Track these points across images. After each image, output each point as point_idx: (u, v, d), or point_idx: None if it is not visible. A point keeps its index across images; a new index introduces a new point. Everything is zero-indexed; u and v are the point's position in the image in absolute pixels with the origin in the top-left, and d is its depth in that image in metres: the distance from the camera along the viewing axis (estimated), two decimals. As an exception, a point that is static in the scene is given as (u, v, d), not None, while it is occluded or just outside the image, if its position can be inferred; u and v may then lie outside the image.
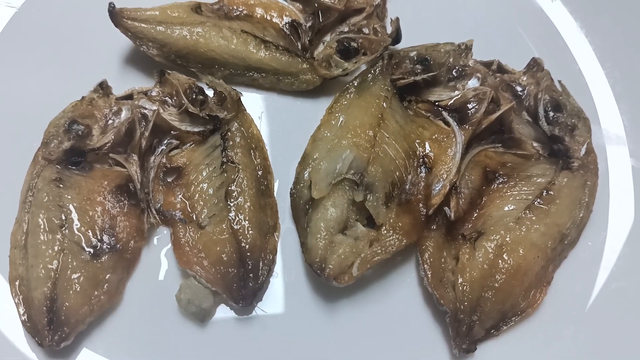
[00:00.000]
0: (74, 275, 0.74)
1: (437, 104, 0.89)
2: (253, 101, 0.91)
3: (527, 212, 0.81)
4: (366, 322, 0.78)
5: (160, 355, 0.75)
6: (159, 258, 0.80)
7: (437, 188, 0.82)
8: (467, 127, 0.85)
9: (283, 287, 0.80)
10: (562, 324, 0.80)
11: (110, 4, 0.87)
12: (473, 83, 0.91)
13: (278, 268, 0.80)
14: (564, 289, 0.82)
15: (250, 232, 0.78)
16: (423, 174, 0.83)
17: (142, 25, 0.88)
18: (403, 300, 0.80)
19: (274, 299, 0.79)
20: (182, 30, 0.89)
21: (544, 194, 0.83)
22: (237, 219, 0.79)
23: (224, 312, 0.78)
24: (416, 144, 0.85)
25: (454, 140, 0.85)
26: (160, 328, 0.76)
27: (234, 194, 0.80)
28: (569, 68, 0.96)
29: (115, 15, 0.88)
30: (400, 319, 0.79)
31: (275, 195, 0.84)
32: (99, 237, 0.77)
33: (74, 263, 0.74)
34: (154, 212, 0.80)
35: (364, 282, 0.80)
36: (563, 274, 0.82)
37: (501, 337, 0.78)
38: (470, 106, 0.88)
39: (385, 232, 0.78)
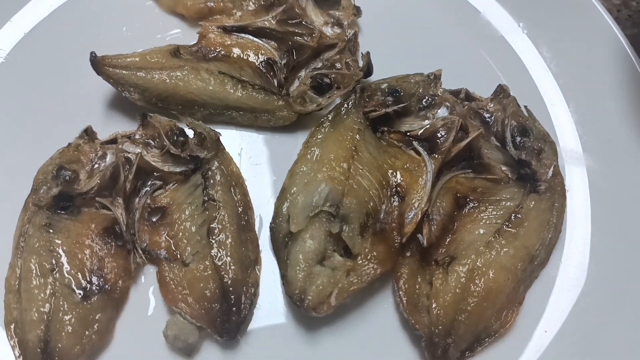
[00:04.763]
0: (66, 317, 0.77)
1: (408, 134, 0.93)
2: (232, 138, 0.95)
3: (497, 236, 0.85)
4: (347, 349, 0.81)
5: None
6: (147, 296, 0.83)
7: (409, 217, 0.85)
8: (436, 156, 0.89)
9: (266, 319, 0.83)
10: (535, 343, 0.83)
11: (91, 53, 0.91)
12: (443, 111, 0.95)
13: (261, 300, 0.84)
14: (536, 307, 0.85)
15: (232, 267, 0.82)
16: (396, 203, 0.87)
17: (123, 72, 0.92)
18: (381, 326, 0.83)
19: (258, 330, 0.82)
20: (161, 74, 0.93)
21: (512, 217, 0.86)
22: (219, 255, 0.82)
23: (210, 345, 0.81)
24: (389, 174, 0.89)
25: (424, 169, 0.89)
26: (150, 364, 0.80)
27: (216, 231, 0.84)
28: (531, 93, 1.01)
29: (97, 64, 0.92)
30: (379, 344, 0.82)
31: (256, 230, 0.88)
32: (88, 279, 0.80)
33: (65, 305, 0.78)
34: (140, 252, 0.84)
35: (344, 310, 0.83)
36: (535, 294, 0.86)
37: (476, 358, 0.82)
38: (439, 135, 0.91)
39: (361, 261, 0.82)
